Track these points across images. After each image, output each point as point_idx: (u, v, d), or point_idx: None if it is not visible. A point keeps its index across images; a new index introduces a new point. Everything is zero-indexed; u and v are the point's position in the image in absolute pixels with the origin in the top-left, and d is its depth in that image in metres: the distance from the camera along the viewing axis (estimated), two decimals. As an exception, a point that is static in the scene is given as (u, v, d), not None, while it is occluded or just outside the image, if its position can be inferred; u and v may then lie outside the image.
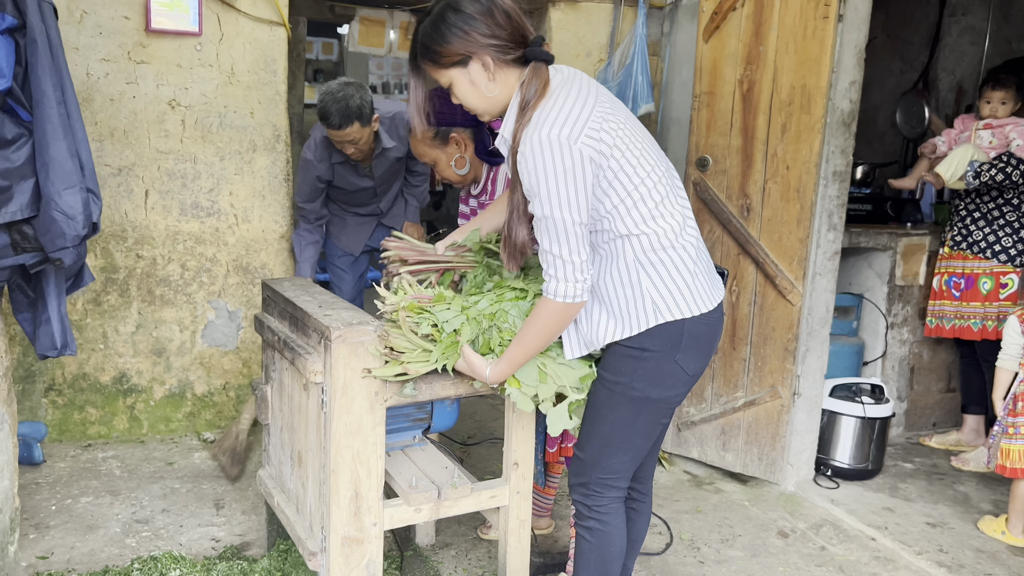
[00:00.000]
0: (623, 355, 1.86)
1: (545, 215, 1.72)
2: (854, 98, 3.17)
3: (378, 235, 3.60)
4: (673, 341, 1.83)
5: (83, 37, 3.32)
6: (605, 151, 1.73)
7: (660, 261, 1.82)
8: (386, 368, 1.95)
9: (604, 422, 1.92)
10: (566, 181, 1.69)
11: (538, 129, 1.69)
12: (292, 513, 2.27)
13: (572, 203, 1.70)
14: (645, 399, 1.88)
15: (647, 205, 1.80)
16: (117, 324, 3.55)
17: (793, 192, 3.16)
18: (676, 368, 1.85)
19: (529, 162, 1.70)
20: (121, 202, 3.47)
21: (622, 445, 1.94)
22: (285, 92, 3.69)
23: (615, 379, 1.88)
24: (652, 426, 1.94)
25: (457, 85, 1.83)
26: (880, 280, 3.93)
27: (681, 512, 3.16)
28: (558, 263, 1.75)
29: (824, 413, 3.48)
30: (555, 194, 1.70)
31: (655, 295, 1.81)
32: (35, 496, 3.01)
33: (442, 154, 2.59)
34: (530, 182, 1.71)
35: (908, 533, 3.04)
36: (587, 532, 2.01)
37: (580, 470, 2.00)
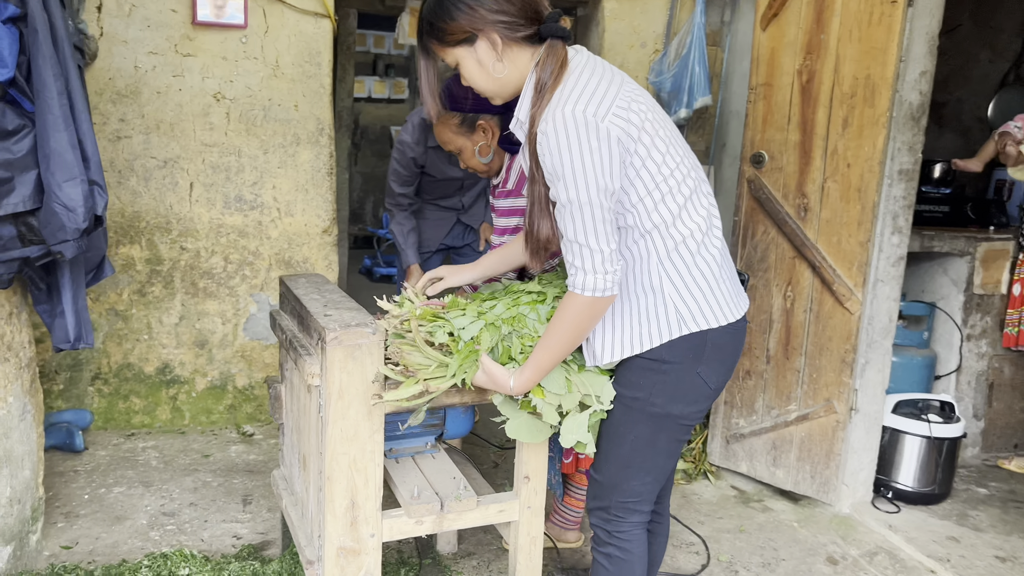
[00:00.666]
0: (641, 368, 1.73)
1: (570, 199, 1.56)
2: (924, 90, 2.90)
3: (456, 232, 3.44)
4: (695, 352, 1.69)
5: (131, 30, 3.35)
6: (633, 134, 1.58)
7: (685, 266, 1.67)
8: (401, 390, 1.83)
9: (623, 442, 1.78)
10: (592, 160, 1.54)
11: (561, 106, 1.55)
12: (297, 518, 2.21)
13: (600, 185, 1.55)
14: (666, 415, 1.74)
15: (675, 201, 1.65)
16: (161, 315, 3.58)
17: (854, 192, 2.92)
18: (698, 381, 1.71)
19: (551, 141, 1.55)
20: (166, 194, 3.50)
21: (643, 466, 1.80)
22: (330, 85, 3.65)
23: (633, 395, 1.75)
24: (674, 444, 1.79)
25: (464, 65, 1.70)
26: (956, 288, 3.62)
27: (722, 531, 2.97)
28: (584, 253, 1.59)
29: (885, 431, 3.22)
30: (580, 175, 1.54)
31: (679, 303, 1.67)
32: (71, 484, 3.05)
33: (468, 142, 2.49)
34: (552, 163, 1.56)
35: (973, 567, 2.78)
36: (606, 560, 1.88)
37: (599, 493, 1.86)
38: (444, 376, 1.80)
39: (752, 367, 3.27)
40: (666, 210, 1.65)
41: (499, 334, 1.82)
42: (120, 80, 3.38)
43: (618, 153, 1.57)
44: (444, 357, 1.80)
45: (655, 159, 1.62)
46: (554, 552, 2.68)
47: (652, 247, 1.67)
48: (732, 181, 3.43)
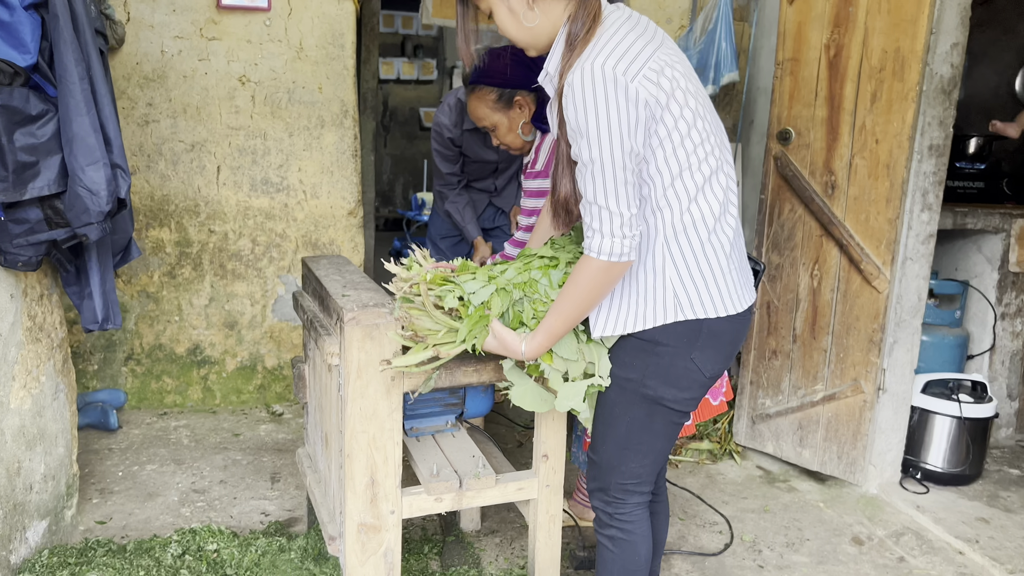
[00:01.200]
0: (635, 348, 1.70)
1: (591, 158, 1.52)
2: (956, 63, 2.83)
3: (487, 215, 3.43)
4: (690, 338, 1.66)
5: (158, 15, 3.39)
6: (662, 100, 1.53)
7: (692, 251, 1.63)
8: (409, 356, 1.84)
9: (619, 423, 1.76)
10: (618, 119, 1.49)
11: (591, 59, 1.50)
12: (320, 495, 2.24)
13: (623, 146, 1.50)
14: (658, 399, 1.71)
15: (693, 180, 1.60)
16: (191, 297, 3.64)
17: (882, 168, 2.87)
18: (692, 367, 1.67)
19: (577, 95, 1.50)
20: (194, 177, 3.54)
21: (640, 448, 1.78)
22: (353, 67, 3.66)
23: (626, 375, 1.72)
24: (671, 427, 1.76)
25: (497, 13, 1.65)
26: (990, 266, 3.55)
27: (747, 511, 2.96)
28: (604, 215, 1.54)
29: (915, 411, 3.17)
30: (605, 133, 1.50)
31: (679, 288, 1.63)
32: (105, 462, 3.13)
33: (504, 118, 2.47)
34: (576, 119, 1.51)
35: (1002, 548, 2.74)
36: (608, 541, 1.87)
37: (597, 475, 1.85)
38: (454, 342, 1.78)
39: (778, 347, 3.23)
40: (682, 187, 1.60)
41: (510, 299, 1.78)
42: (147, 65, 3.42)
43: (644, 117, 1.52)
44: (454, 322, 1.77)
45: (680, 130, 1.57)
46: (576, 530, 2.69)
47: (661, 224, 1.62)
48: (760, 159, 3.37)
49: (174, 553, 2.37)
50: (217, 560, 2.36)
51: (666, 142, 1.57)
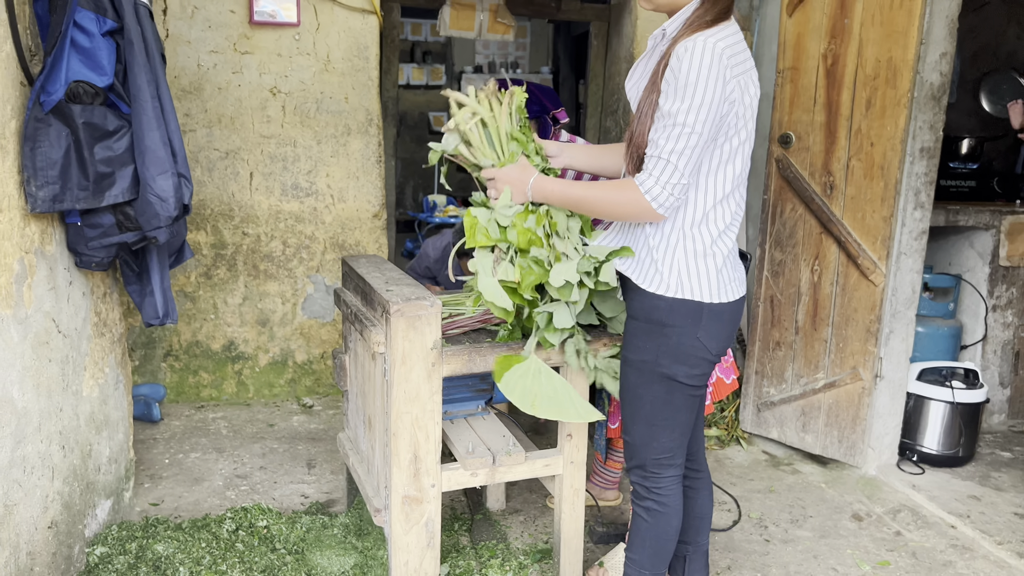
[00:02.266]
0: (646, 332, 1.91)
1: (677, 118, 1.70)
2: (945, 71, 3.04)
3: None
4: (693, 318, 1.86)
5: (194, 31, 3.61)
6: (737, 110, 1.75)
7: (700, 245, 1.84)
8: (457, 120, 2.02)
9: (642, 402, 1.97)
10: (712, 96, 1.69)
11: (713, 37, 1.70)
12: (364, 473, 2.45)
13: (705, 118, 1.70)
14: (672, 376, 1.91)
15: (717, 189, 1.82)
16: (226, 296, 3.85)
17: (877, 169, 3.07)
18: (699, 345, 1.88)
19: (694, 60, 1.68)
20: (228, 183, 3.76)
21: (666, 424, 1.97)
22: (377, 78, 3.88)
23: (641, 358, 1.93)
24: (690, 400, 1.96)
25: None
26: (982, 260, 3.75)
27: (753, 491, 3.17)
28: (662, 165, 1.74)
29: (910, 397, 3.38)
30: (696, 101, 1.68)
31: (682, 271, 1.85)
32: (152, 450, 3.34)
33: None
34: (677, 78, 1.69)
35: (992, 523, 2.94)
36: (645, 512, 2.06)
37: (633, 453, 2.05)
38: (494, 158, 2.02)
39: (782, 338, 3.44)
40: (709, 193, 1.82)
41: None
42: (184, 78, 3.64)
43: (724, 109, 1.72)
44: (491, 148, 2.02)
45: (732, 143, 1.79)
46: (595, 509, 2.90)
47: (683, 216, 1.84)
48: (762, 161, 3.58)
49: (229, 528, 2.58)
50: (267, 535, 2.57)
51: (715, 150, 1.79)
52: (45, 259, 2.16)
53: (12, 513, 2.02)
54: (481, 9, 4.35)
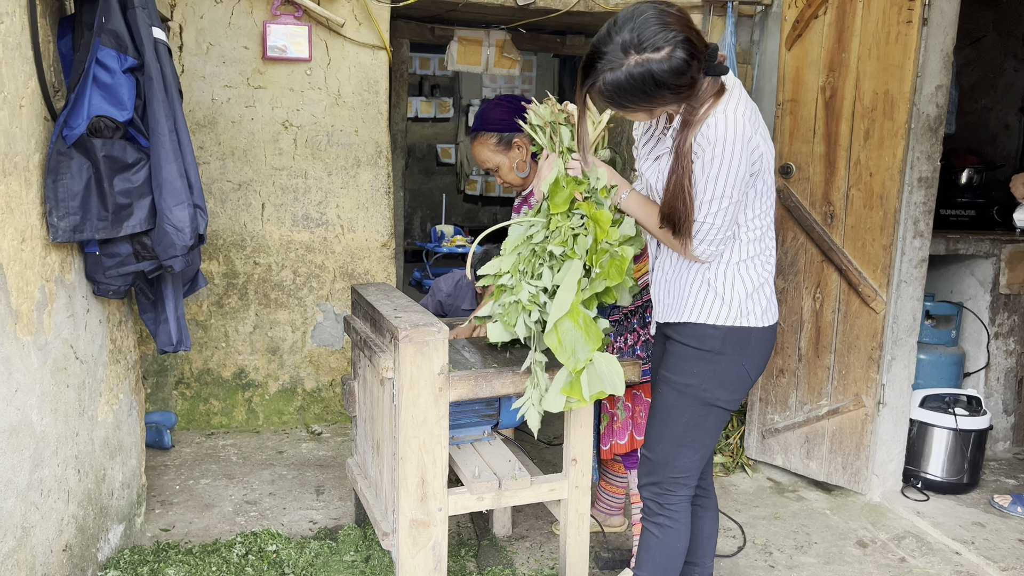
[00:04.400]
0: (695, 358, 2.01)
1: (715, 186, 1.83)
2: (941, 103, 3.10)
3: None
4: (742, 346, 1.99)
5: (209, 66, 3.71)
6: (764, 161, 1.90)
7: (753, 276, 1.98)
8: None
9: (676, 423, 2.05)
10: (741, 163, 1.81)
11: (733, 109, 1.82)
12: (372, 497, 2.49)
13: (740, 185, 1.83)
14: (714, 401, 2.01)
15: (759, 226, 1.97)
16: (237, 324, 3.92)
17: (876, 199, 3.13)
18: (743, 372, 2.00)
19: (720, 136, 1.80)
20: (240, 214, 3.84)
21: (693, 444, 2.06)
22: (387, 111, 3.97)
23: (686, 381, 2.02)
24: (719, 424, 2.06)
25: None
26: (983, 288, 3.79)
27: (758, 517, 3.19)
28: (712, 231, 1.89)
29: (914, 424, 3.40)
30: (729, 171, 1.82)
31: (743, 300, 1.98)
32: (163, 477, 3.38)
33: (505, 159, 2.75)
34: (708, 157, 1.81)
35: (996, 549, 2.95)
36: (655, 528, 2.12)
37: (651, 470, 2.11)
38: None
39: (785, 365, 3.48)
40: (753, 233, 1.96)
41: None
42: (199, 112, 3.73)
43: (752, 165, 1.86)
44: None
45: (762, 192, 1.94)
46: (600, 534, 2.92)
47: (735, 253, 1.97)
48: (763, 191, 3.66)
49: (239, 553, 2.61)
50: (277, 560, 2.61)
51: (754, 200, 1.93)
52: (64, 287, 2.23)
53: (29, 535, 2.07)
54: (488, 44, 4.46)
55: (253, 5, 3.69)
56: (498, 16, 4.24)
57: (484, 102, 2.80)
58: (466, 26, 4.47)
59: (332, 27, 3.78)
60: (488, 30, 4.47)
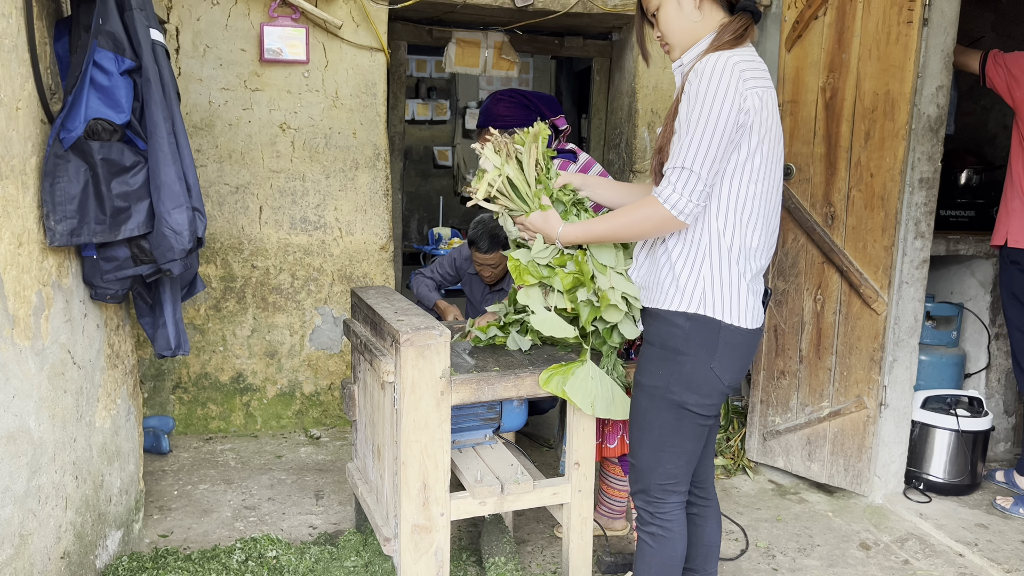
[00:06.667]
0: (660, 358, 1.94)
1: (690, 122, 1.77)
2: (942, 103, 3.10)
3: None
4: (709, 346, 1.88)
5: (206, 69, 3.69)
6: (753, 120, 1.79)
7: (726, 263, 1.86)
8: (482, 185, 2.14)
9: (651, 428, 1.99)
10: (723, 104, 1.75)
11: (729, 57, 1.77)
12: (372, 503, 2.47)
13: (719, 125, 1.75)
14: (683, 404, 1.93)
15: (744, 202, 1.84)
16: (235, 328, 3.89)
17: (877, 200, 3.12)
18: (712, 375, 1.90)
19: (704, 75, 1.76)
20: (238, 217, 3.82)
21: (673, 450, 1.99)
22: (385, 113, 3.95)
23: (653, 384, 1.95)
24: (698, 428, 1.98)
25: (664, 9, 1.91)
26: (983, 289, 3.78)
27: (760, 520, 3.17)
28: (687, 176, 1.78)
29: (915, 425, 3.39)
30: (708, 109, 1.75)
31: (707, 286, 1.86)
32: (161, 482, 3.36)
33: None
34: (694, 92, 1.77)
35: (1000, 551, 2.94)
36: (649, 537, 2.06)
37: (638, 477, 2.06)
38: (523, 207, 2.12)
39: (786, 367, 3.46)
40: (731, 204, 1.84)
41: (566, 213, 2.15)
42: (196, 114, 3.71)
43: (740, 119, 1.77)
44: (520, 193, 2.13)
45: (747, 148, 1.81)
46: (603, 539, 2.90)
47: (710, 233, 1.86)
48: (763, 192, 3.65)
49: (238, 559, 2.59)
50: (276, 566, 2.58)
51: (734, 174, 1.82)
52: (62, 292, 2.21)
53: (27, 543, 2.04)
54: (486, 46, 4.44)
55: (250, 7, 3.67)
56: (496, 18, 4.22)
57: (489, 97, 2.80)
58: (464, 28, 4.45)
59: (330, 29, 3.76)
60: (486, 32, 4.45)
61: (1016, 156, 3.30)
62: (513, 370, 2.26)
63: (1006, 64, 3.23)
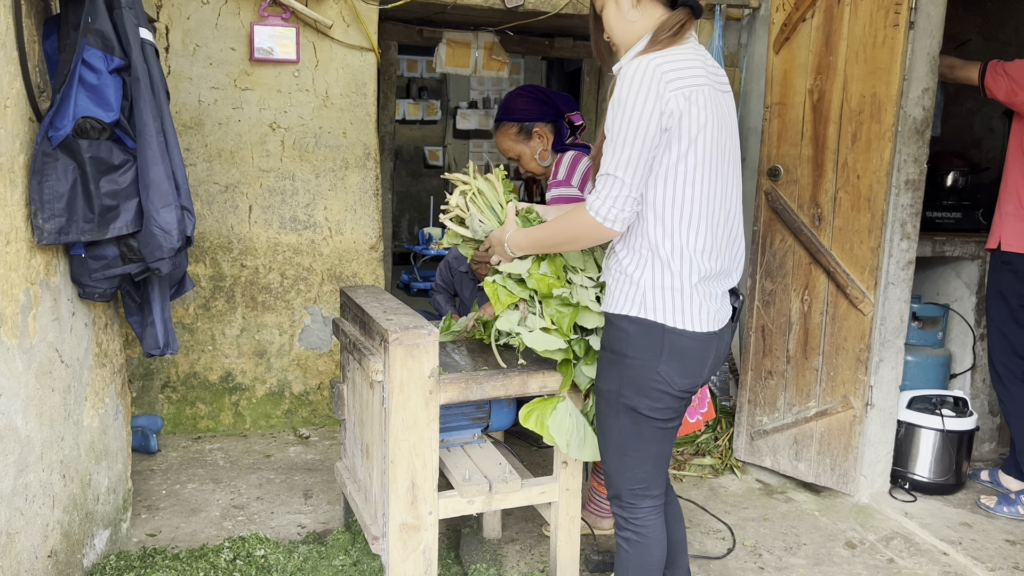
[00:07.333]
0: (610, 361, 1.94)
1: (616, 134, 1.76)
2: (927, 106, 3.12)
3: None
4: (654, 350, 1.85)
5: (195, 68, 3.68)
6: (683, 127, 1.76)
7: (668, 267, 1.83)
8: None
9: (612, 433, 1.98)
10: (644, 108, 1.73)
11: (651, 60, 1.75)
12: (361, 501, 2.48)
13: (640, 130, 1.74)
14: (635, 408, 1.90)
15: (683, 204, 1.81)
16: (224, 328, 3.89)
17: (864, 201, 3.14)
18: (659, 379, 1.86)
19: (625, 79, 1.76)
20: (228, 216, 3.81)
21: (636, 454, 1.96)
22: (375, 113, 3.96)
23: (607, 388, 1.95)
24: (658, 432, 1.95)
25: (607, 11, 1.91)
26: (969, 290, 3.81)
27: (747, 519, 3.19)
28: (612, 182, 1.77)
29: (901, 425, 3.42)
30: (629, 115, 1.73)
31: (647, 289, 1.84)
32: (149, 481, 3.35)
33: (526, 148, 2.79)
34: (615, 97, 1.77)
35: (984, 549, 2.97)
36: (625, 543, 2.05)
37: (610, 483, 2.05)
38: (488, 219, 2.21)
39: (773, 367, 3.49)
40: (667, 207, 1.81)
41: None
42: (185, 113, 3.71)
43: (664, 121, 1.74)
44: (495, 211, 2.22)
45: (676, 151, 1.78)
46: (591, 537, 2.92)
47: (650, 238, 1.83)
48: (752, 193, 3.66)
49: (227, 558, 2.59)
50: (265, 565, 2.58)
51: (666, 177, 1.80)
52: (50, 290, 2.20)
53: (14, 541, 2.04)
54: (476, 46, 4.46)
55: (240, 6, 3.67)
56: (486, 18, 4.24)
57: (509, 92, 2.83)
58: (454, 28, 4.46)
59: (320, 29, 3.76)
60: (476, 32, 4.47)
61: (1012, 161, 3.32)
62: (502, 370, 2.27)
63: (1006, 72, 3.24)
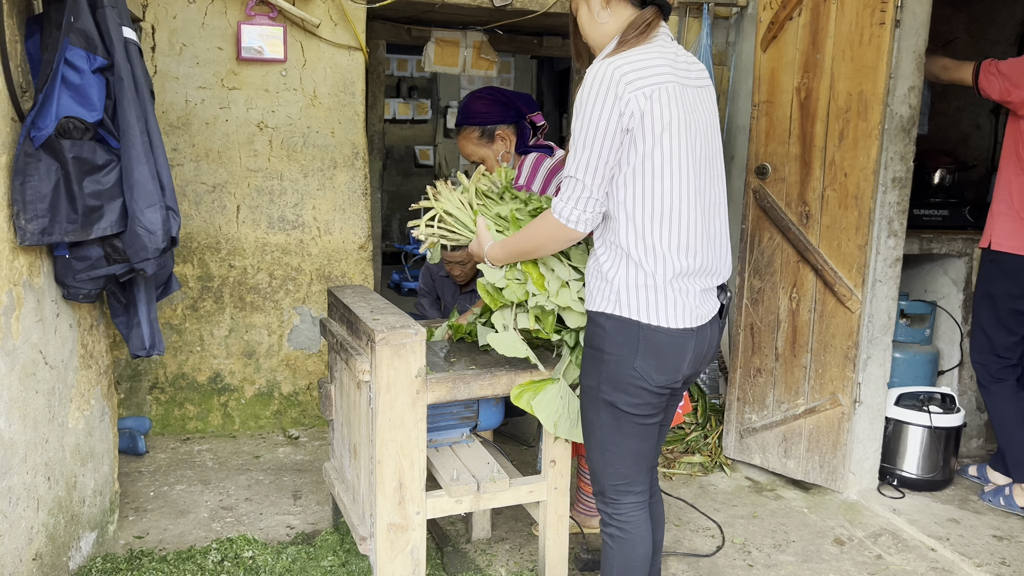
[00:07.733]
0: (589, 357, 1.95)
1: (577, 137, 1.79)
2: (914, 103, 3.13)
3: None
4: (630, 346, 1.85)
5: (182, 67, 3.67)
6: (647, 126, 1.76)
7: (641, 265, 1.83)
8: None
9: (594, 428, 1.99)
10: (602, 111, 1.75)
11: (611, 63, 1.76)
12: (349, 502, 2.47)
13: (600, 133, 1.75)
14: (614, 404, 1.91)
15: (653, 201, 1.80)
16: (212, 328, 3.87)
17: (851, 199, 3.15)
18: (636, 375, 1.86)
19: (585, 83, 1.78)
20: (215, 217, 3.80)
21: (617, 450, 1.96)
22: (363, 112, 3.94)
23: (588, 383, 1.97)
24: (638, 428, 1.94)
25: (579, 13, 1.94)
26: (956, 287, 3.83)
27: (737, 517, 3.20)
28: (573, 184, 1.81)
29: (889, 422, 3.43)
30: (590, 118, 1.76)
31: (622, 287, 1.84)
32: (137, 483, 3.33)
33: (489, 151, 2.77)
34: (577, 101, 1.79)
35: (971, 545, 2.98)
36: (610, 539, 2.05)
37: (593, 479, 2.05)
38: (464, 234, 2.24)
39: (762, 365, 3.49)
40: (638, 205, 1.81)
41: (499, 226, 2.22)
42: (172, 113, 3.69)
43: (625, 123, 1.75)
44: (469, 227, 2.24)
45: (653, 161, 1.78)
46: (580, 536, 2.92)
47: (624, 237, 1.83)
48: (740, 192, 3.66)
49: (214, 560, 2.58)
50: (253, 566, 2.57)
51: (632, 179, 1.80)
52: (33, 291, 2.19)
53: (-3, 544, 2.03)
54: (465, 45, 4.45)
55: (227, 5, 3.65)
56: (475, 17, 4.23)
57: (467, 95, 2.80)
58: (443, 27, 4.46)
59: (307, 28, 3.75)
60: (465, 31, 4.46)
61: (1005, 161, 3.32)
62: (489, 369, 2.26)
63: (1000, 71, 3.24)
